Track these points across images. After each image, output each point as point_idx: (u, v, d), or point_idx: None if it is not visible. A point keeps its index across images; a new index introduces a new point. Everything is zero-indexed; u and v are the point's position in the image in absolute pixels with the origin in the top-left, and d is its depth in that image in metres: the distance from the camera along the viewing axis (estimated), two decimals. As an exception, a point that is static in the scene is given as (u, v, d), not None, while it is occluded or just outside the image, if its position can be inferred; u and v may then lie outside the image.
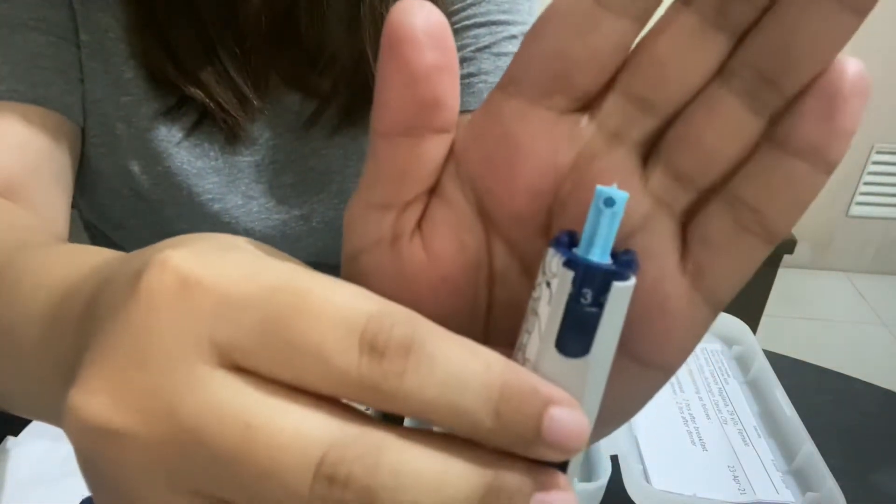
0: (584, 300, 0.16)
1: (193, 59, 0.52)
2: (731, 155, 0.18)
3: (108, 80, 0.53)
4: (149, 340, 0.16)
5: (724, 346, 0.60)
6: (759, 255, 0.18)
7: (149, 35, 0.52)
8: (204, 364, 0.15)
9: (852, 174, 2.19)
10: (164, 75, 0.52)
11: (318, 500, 0.14)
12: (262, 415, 0.15)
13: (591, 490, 0.42)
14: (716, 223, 0.18)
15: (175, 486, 0.15)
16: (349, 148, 0.58)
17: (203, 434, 0.15)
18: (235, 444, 0.15)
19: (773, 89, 0.17)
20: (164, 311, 0.16)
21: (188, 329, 0.15)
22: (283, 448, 0.15)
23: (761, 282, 1.79)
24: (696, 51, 0.17)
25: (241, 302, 0.15)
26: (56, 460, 0.45)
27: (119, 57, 0.52)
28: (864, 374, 0.61)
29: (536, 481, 0.15)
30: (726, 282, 0.19)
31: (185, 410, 0.15)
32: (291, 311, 0.15)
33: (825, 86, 0.16)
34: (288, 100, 0.56)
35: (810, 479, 0.46)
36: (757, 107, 0.17)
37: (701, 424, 0.51)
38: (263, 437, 0.15)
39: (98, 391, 0.16)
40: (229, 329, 0.15)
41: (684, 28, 0.17)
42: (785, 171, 0.17)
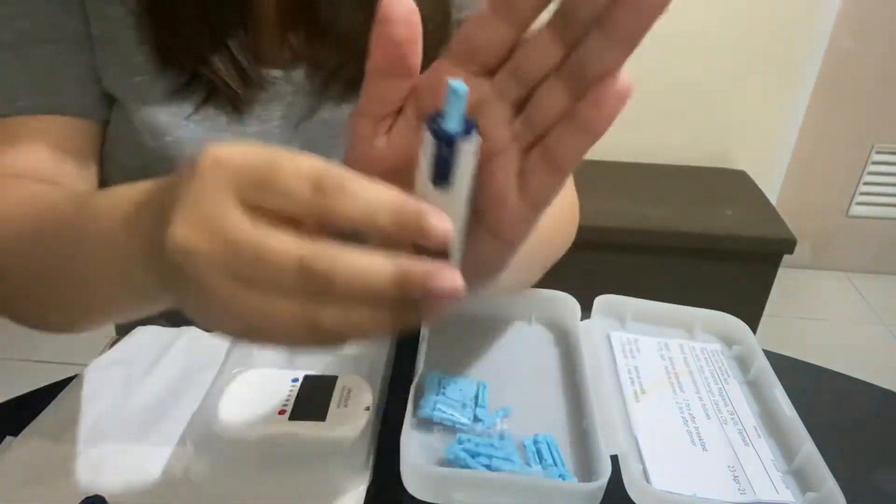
0: (442, 150, 0.28)
1: (199, 40, 0.55)
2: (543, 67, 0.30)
3: (121, 65, 0.56)
4: (202, 196, 0.27)
5: (724, 346, 0.60)
6: (556, 182, 0.31)
7: (156, 17, 0.55)
8: (234, 206, 0.27)
9: (852, 174, 2.19)
10: (172, 56, 0.55)
11: (303, 279, 0.26)
12: (271, 235, 0.27)
13: (591, 490, 0.42)
14: (535, 152, 0.31)
15: (230, 276, 0.27)
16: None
17: (238, 245, 0.27)
18: (253, 246, 0.27)
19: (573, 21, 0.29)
20: (207, 179, 0.28)
21: (221, 187, 0.27)
22: (278, 249, 0.26)
23: (761, 282, 1.79)
24: (546, 55, 0.30)
25: (245, 168, 0.27)
26: (56, 460, 0.45)
27: (130, 43, 0.55)
28: (864, 374, 0.61)
29: (431, 266, 0.26)
30: (541, 185, 0.31)
31: (227, 233, 0.27)
32: (271, 171, 0.27)
33: (602, 88, 0.28)
34: (296, 73, 0.59)
35: (810, 479, 0.46)
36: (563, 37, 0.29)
37: (701, 424, 0.51)
38: (272, 240, 0.27)
39: (182, 227, 0.28)
40: (241, 183, 0.27)
41: (543, 41, 0.30)
42: (573, 127, 0.30)
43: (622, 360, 0.57)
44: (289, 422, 0.44)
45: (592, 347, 0.56)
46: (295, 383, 0.47)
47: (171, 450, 0.46)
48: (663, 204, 1.82)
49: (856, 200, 2.23)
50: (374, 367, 0.51)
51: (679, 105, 2.03)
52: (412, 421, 0.48)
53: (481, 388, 0.52)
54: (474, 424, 0.49)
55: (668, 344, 0.59)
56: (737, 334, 0.60)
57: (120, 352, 0.56)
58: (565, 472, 0.45)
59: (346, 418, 0.44)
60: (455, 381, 0.51)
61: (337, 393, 0.46)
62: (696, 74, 1.98)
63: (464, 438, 0.46)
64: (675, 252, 1.75)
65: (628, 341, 0.59)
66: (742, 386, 0.56)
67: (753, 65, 1.97)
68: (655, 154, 2.07)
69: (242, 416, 0.44)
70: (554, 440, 0.48)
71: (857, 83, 2.05)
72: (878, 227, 2.28)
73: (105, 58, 0.56)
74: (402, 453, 0.43)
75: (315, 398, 0.46)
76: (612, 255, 1.75)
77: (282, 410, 0.44)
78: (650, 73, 1.98)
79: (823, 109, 2.08)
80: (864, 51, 2.00)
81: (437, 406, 0.48)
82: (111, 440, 0.47)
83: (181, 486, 0.44)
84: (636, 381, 0.55)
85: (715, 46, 1.95)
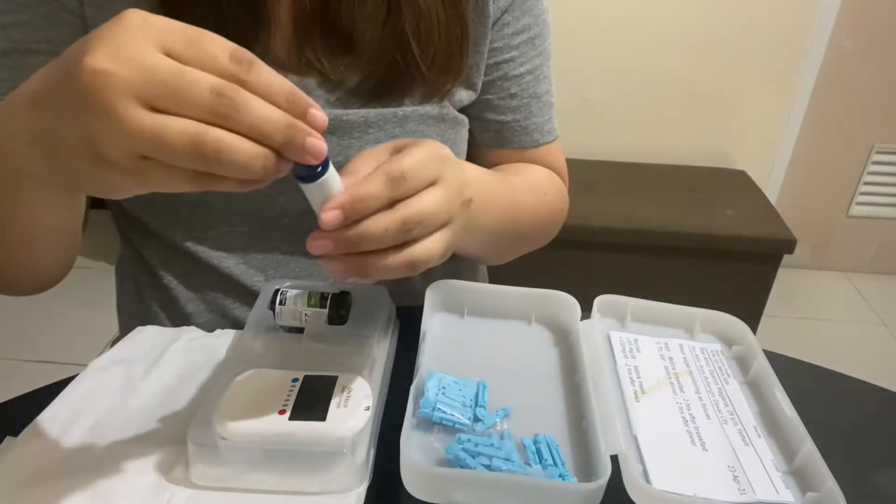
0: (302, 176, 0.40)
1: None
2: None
3: None
4: (128, 40, 0.32)
5: (724, 346, 0.60)
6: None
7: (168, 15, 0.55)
8: (157, 51, 0.33)
9: (852, 174, 2.19)
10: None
11: (215, 98, 0.33)
12: (185, 69, 0.33)
13: (592, 490, 0.42)
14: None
15: (134, 97, 0.32)
16: (370, 115, 0.60)
17: (156, 71, 0.32)
18: (172, 71, 0.33)
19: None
20: (133, 29, 0.33)
21: (148, 38, 0.33)
22: (196, 74, 0.33)
23: (761, 282, 1.79)
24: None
25: (173, 28, 0.34)
26: (56, 460, 0.45)
27: None
28: (864, 374, 0.61)
29: (311, 130, 0.37)
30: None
31: (145, 64, 0.32)
32: (199, 34, 0.34)
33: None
34: (309, 81, 0.60)
35: (810, 479, 0.46)
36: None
37: (701, 424, 0.51)
38: (188, 73, 0.33)
39: (101, 56, 0.32)
40: (168, 39, 0.33)
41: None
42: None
43: (622, 360, 0.57)
44: (289, 422, 0.44)
45: (592, 347, 0.56)
46: (295, 383, 0.47)
47: (171, 450, 0.46)
48: (663, 204, 1.82)
49: (856, 200, 2.23)
50: (374, 367, 0.51)
51: (679, 105, 2.03)
52: (412, 421, 0.48)
53: (481, 388, 0.52)
54: (474, 424, 0.49)
55: (668, 344, 0.59)
56: (737, 334, 0.60)
57: (120, 351, 0.56)
58: (565, 472, 0.45)
59: (346, 418, 0.44)
60: (455, 381, 0.51)
61: (337, 393, 0.46)
62: (696, 75, 1.98)
63: (464, 438, 0.46)
64: (675, 252, 1.75)
65: (628, 341, 0.59)
66: (742, 386, 0.56)
67: (753, 65, 1.97)
68: (655, 154, 2.07)
69: (242, 416, 0.44)
70: (554, 440, 0.48)
71: (857, 83, 2.05)
72: (878, 227, 2.28)
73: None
74: (402, 453, 0.43)
75: (315, 398, 0.46)
76: (612, 255, 1.75)
77: (282, 410, 0.44)
78: (650, 73, 1.98)
79: (823, 109, 2.08)
80: (864, 51, 2.00)
81: (437, 406, 0.48)
82: (111, 440, 0.47)
83: (181, 485, 0.44)
84: (636, 381, 0.55)
85: (715, 47, 1.95)
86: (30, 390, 0.53)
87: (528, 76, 0.68)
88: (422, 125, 0.62)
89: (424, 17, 0.58)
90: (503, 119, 0.69)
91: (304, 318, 0.54)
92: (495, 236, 0.61)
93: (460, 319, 0.61)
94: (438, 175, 0.45)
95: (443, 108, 0.63)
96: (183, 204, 0.60)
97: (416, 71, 0.60)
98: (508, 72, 0.67)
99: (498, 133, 0.70)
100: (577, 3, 1.89)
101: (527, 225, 0.67)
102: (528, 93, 0.69)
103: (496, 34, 0.65)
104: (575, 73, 1.95)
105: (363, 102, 0.60)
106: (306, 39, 0.59)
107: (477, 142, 0.71)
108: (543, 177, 0.71)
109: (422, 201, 0.43)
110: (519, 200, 0.64)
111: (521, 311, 0.61)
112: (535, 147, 0.71)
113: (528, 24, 0.66)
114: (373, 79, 0.60)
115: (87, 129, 0.33)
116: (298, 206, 0.62)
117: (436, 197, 0.44)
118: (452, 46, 0.61)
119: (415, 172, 0.43)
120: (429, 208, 0.44)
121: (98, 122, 0.32)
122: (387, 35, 0.58)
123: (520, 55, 0.67)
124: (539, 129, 0.71)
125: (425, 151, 0.45)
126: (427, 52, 0.59)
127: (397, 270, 0.44)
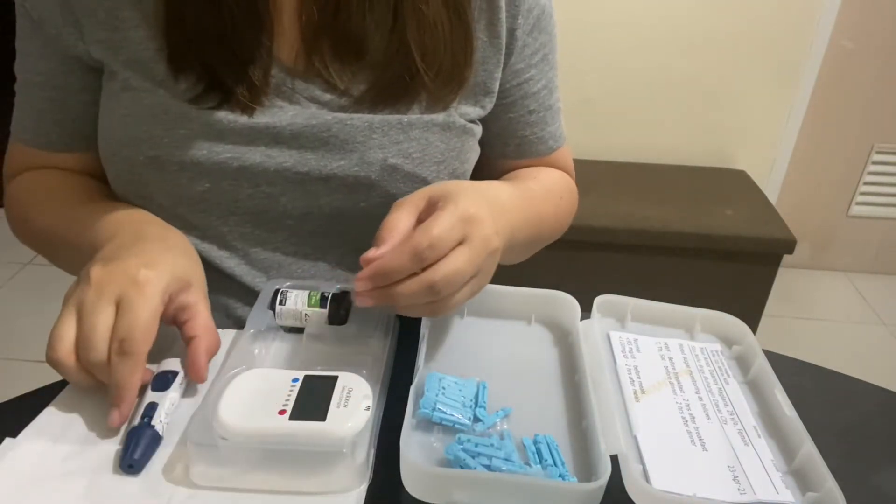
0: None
1: (212, 51, 0.57)
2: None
3: (144, 76, 0.59)
4: (105, 287, 0.48)
5: (723, 347, 0.60)
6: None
7: (174, 35, 0.58)
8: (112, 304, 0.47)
9: (852, 174, 2.19)
10: (186, 65, 0.58)
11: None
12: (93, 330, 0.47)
13: (591, 490, 0.42)
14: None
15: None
16: (374, 121, 0.60)
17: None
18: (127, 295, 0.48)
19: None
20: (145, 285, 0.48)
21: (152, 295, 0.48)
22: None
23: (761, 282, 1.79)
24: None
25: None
26: (56, 460, 0.45)
27: (149, 60, 0.58)
28: (864, 374, 0.61)
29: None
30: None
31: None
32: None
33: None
34: (312, 87, 0.60)
35: (810, 479, 0.46)
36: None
37: (701, 424, 0.51)
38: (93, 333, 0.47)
39: (97, 271, 0.49)
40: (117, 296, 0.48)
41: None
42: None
43: (622, 360, 0.57)
44: (289, 422, 0.44)
45: (592, 347, 0.56)
46: (295, 383, 0.47)
47: (171, 450, 0.46)
48: (663, 204, 1.82)
49: (856, 200, 2.23)
50: (374, 367, 0.51)
51: (679, 105, 2.03)
52: (412, 421, 0.48)
53: (481, 388, 0.52)
54: (474, 424, 0.49)
55: (668, 344, 0.59)
56: (737, 334, 0.60)
57: (120, 352, 0.56)
58: (565, 471, 0.45)
59: (346, 418, 0.44)
60: (455, 382, 0.52)
61: (337, 393, 0.46)
62: (696, 75, 1.98)
63: (464, 438, 0.46)
64: (675, 252, 1.75)
65: (628, 341, 0.59)
66: (742, 386, 0.56)
67: (753, 65, 1.97)
68: (655, 154, 2.07)
69: (242, 416, 0.44)
70: (554, 440, 0.48)
71: (857, 83, 2.05)
72: (878, 227, 2.28)
73: (122, 60, 0.59)
74: (402, 453, 0.43)
75: (315, 398, 0.46)
76: (612, 255, 1.75)
77: (282, 410, 0.44)
78: (650, 73, 1.98)
79: (823, 109, 2.08)
80: (864, 51, 2.00)
81: (437, 406, 0.48)
82: (111, 440, 0.47)
83: (181, 485, 0.44)
84: (636, 381, 0.55)
85: (715, 47, 1.95)
86: (30, 390, 0.53)
87: (544, 91, 0.70)
88: (427, 132, 0.62)
89: (429, 27, 0.59)
90: (523, 134, 0.71)
91: (305, 318, 0.54)
92: (520, 247, 0.63)
93: (460, 320, 0.61)
94: (465, 235, 0.48)
95: (449, 117, 0.63)
96: (183, 203, 0.60)
97: (420, 80, 0.60)
98: (528, 90, 0.68)
99: (518, 147, 0.72)
100: (577, 3, 1.89)
101: (547, 230, 0.70)
102: (544, 106, 0.70)
103: (517, 56, 0.66)
104: (575, 73, 1.95)
105: (369, 109, 0.61)
106: (314, 47, 0.59)
107: (497, 154, 0.72)
108: (557, 180, 0.74)
109: (448, 266, 0.47)
110: (541, 210, 0.67)
111: (521, 312, 0.61)
112: (550, 153, 0.73)
113: (544, 42, 0.68)
114: (379, 87, 0.60)
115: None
116: (300, 207, 0.62)
117: (462, 258, 0.48)
118: (457, 56, 0.61)
119: (441, 241, 0.47)
120: (455, 271, 0.47)
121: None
122: (393, 44, 0.59)
123: (538, 73, 0.68)
124: (553, 136, 0.73)
125: (452, 215, 0.48)
126: (432, 62, 0.60)
127: (422, 314, 0.52)
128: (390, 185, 0.61)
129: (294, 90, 0.60)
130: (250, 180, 0.60)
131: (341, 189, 0.61)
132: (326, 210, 0.62)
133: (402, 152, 0.61)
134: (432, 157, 0.62)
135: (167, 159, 0.59)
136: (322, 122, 0.59)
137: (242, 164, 0.59)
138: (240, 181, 0.60)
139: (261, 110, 0.59)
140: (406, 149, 0.61)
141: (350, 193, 0.62)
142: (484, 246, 0.49)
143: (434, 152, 0.62)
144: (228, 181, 0.60)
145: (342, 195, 0.62)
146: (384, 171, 0.61)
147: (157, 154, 0.59)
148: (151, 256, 0.51)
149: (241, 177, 0.60)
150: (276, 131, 0.59)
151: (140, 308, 0.47)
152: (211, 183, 0.60)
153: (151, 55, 0.58)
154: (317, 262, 0.66)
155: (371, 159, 0.60)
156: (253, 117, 0.59)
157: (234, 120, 0.58)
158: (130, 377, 0.46)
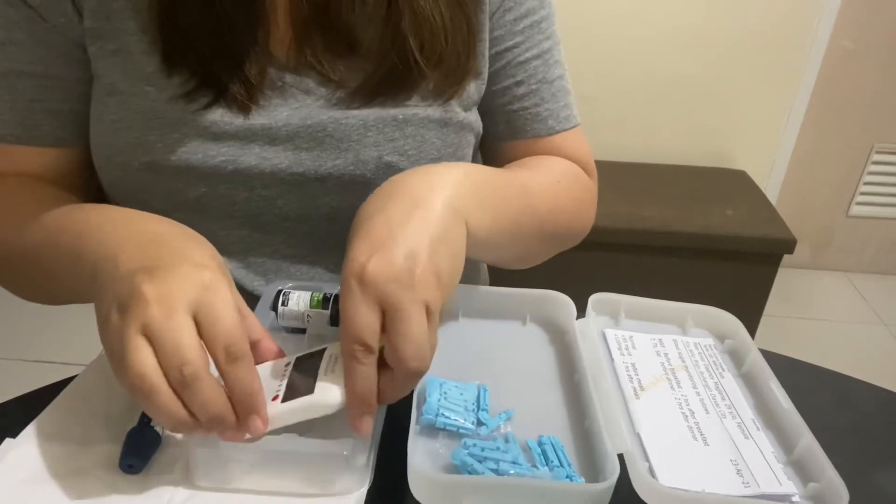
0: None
1: (206, 46, 0.56)
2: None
3: (130, 71, 0.57)
4: (175, 284, 0.42)
5: (716, 341, 0.60)
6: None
7: (167, 28, 0.56)
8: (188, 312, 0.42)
9: (852, 174, 2.19)
10: (179, 61, 0.57)
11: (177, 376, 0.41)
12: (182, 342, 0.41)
13: (601, 490, 0.42)
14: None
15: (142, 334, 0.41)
16: (369, 119, 0.60)
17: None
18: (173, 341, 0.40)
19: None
20: (183, 278, 0.43)
21: (184, 303, 0.42)
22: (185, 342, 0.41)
23: (761, 282, 1.79)
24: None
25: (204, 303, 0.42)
26: (56, 460, 0.45)
27: (139, 52, 0.57)
28: (864, 374, 0.61)
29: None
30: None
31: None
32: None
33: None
34: (306, 81, 0.60)
35: (810, 469, 0.47)
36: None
37: (701, 419, 0.51)
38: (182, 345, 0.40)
39: (151, 288, 0.42)
40: (198, 308, 0.42)
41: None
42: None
43: (619, 358, 0.57)
44: (281, 405, 0.43)
45: (589, 346, 0.56)
46: (288, 367, 0.47)
47: (171, 450, 0.46)
48: (663, 204, 1.82)
49: (856, 200, 2.23)
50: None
51: (679, 105, 2.03)
52: (416, 428, 0.47)
53: (482, 392, 0.52)
54: (478, 429, 0.49)
55: (663, 340, 0.59)
56: (728, 328, 0.60)
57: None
58: (572, 472, 0.45)
59: (333, 383, 0.44)
60: (456, 386, 0.51)
61: (324, 363, 0.45)
62: (695, 74, 1.98)
63: (469, 443, 0.46)
64: (674, 252, 1.75)
65: (623, 338, 0.59)
66: (737, 379, 0.56)
67: (753, 65, 1.97)
68: (655, 154, 2.07)
69: (242, 416, 0.44)
70: (558, 441, 0.48)
71: (857, 83, 2.06)
72: (878, 227, 2.28)
73: (115, 62, 0.58)
74: (410, 461, 0.43)
75: (304, 376, 0.45)
76: (611, 255, 1.75)
77: (275, 397, 0.44)
78: (650, 73, 1.98)
79: (823, 109, 2.08)
80: (864, 51, 2.00)
81: (440, 412, 0.48)
82: (110, 440, 0.47)
83: (181, 486, 0.44)
84: (634, 378, 0.55)
85: (715, 46, 1.95)
86: (30, 390, 0.53)
87: (536, 61, 0.66)
88: (422, 129, 0.61)
89: (426, 18, 0.58)
90: (512, 108, 0.67)
91: (307, 319, 0.54)
92: (496, 234, 0.56)
93: (455, 322, 0.61)
94: (381, 300, 0.43)
95: (447, 112, 0.62)
96: (180, 206, 0.60)
97: (419, 71, 0.59)
98: (513, 59, 0.65)
99: (508, 123, 0.67)
100: (576, 3, 1.89)
101: (535, 223, 0.62)
102: (537, 78, 0.66)
103: (496, 22, 0.63)
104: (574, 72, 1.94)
105: (365, 103, 0.60)
106: (305, 39, 0.59)
107: (491, 136, 0.69)
108: (557, 164, 0.67)
109: (408, 348, 0.42)
110: (534, 202, 0.61)
111: (516, 312, 0.61)
112: (551, 135, 0.68)
113: (532, 8, 0.64)
114: (375, 79, 0.59)
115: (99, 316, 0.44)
116: (297, 208, 0.62)
117: (412, 328, 0.42)
118: (459, 47, 0.60)
119: (363, 333, 0.43)
120: (417, 346, 0.42)
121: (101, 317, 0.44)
122: (388, 35, 0.58)
123: (525, 40, 0.65)
124: (554, 115, 0.68)
125: (353, 295, 0.43)
126: (431, 53, 0.59)
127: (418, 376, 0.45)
128: None
129: (288, 84, 0.59)
130: (246, 183, 0.60)
131: (337, 189, 0.61)
132: (323, 211, 0.62)
133: (397, 149, 0.60)
134: (428, 153, 0.62)
135: (162, 165, 0.58)
136: (317, 121, 0.59)
137: (237, 167, 0.59)
138: (236, 184, 0.60)
139: (256, 109, 0.58)
140: (401, 146, 0.60)
141: (346, 193, 0.61)
142: (410, 284, 0.43)
143: (430, 149, 0.62)
144: (225, 185, 0.60)
145: (338, 195, 0.62)
146: (379, 168, 0.60)
147: (151, 160, 0.58)
148: (192, 254, 0.46)
149: (237, 180, 0.59)
150: (272, 132, 0.59)
151: (224, 311, 0.42)
152: (207, 187, 0.59)
153: (144, 48, 0.57)
154: (314, 265, 0.66)
155: (366, 157, 0.60)
156: (248, 117, 0.58)
157: (228, 122, 0.58)
158: (253, 380, 0.42)
